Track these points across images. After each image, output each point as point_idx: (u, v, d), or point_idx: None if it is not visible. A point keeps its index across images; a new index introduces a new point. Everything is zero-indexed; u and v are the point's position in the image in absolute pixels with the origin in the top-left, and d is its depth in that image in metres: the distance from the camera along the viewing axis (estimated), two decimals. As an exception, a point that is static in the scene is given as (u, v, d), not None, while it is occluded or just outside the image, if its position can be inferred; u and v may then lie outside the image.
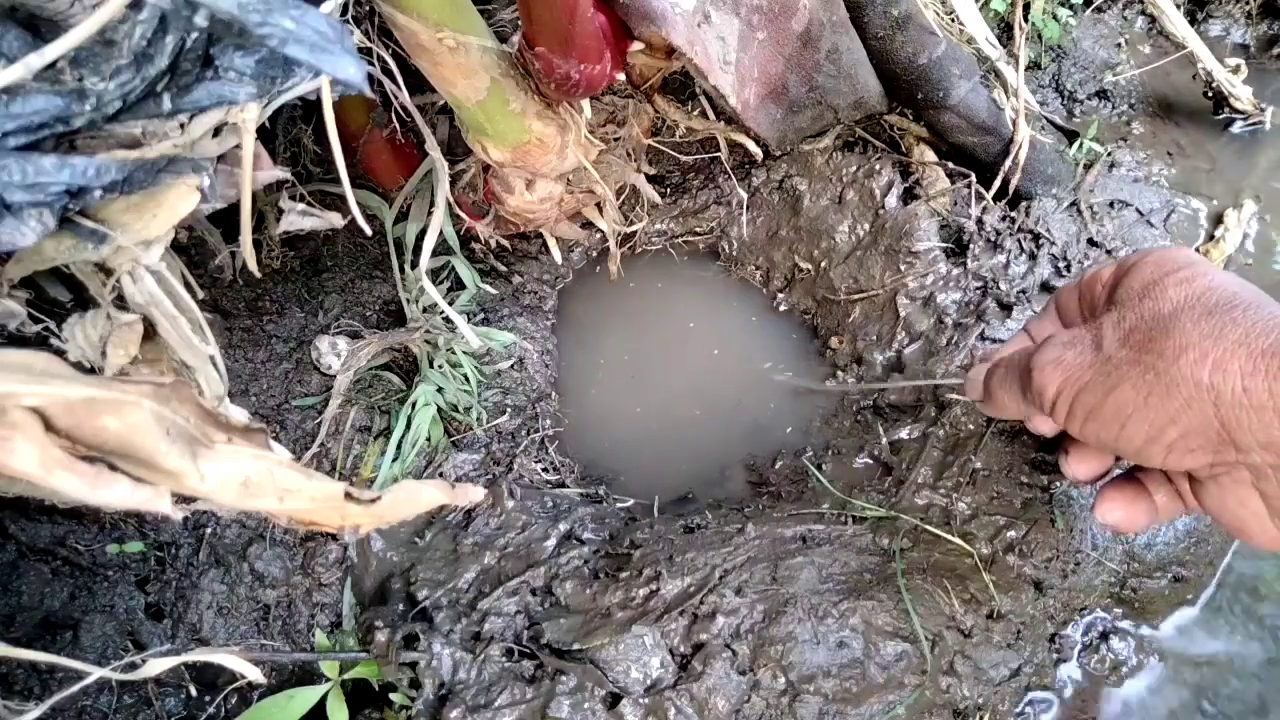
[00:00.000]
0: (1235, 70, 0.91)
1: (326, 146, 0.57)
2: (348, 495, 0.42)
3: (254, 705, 0.69)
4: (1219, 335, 0.39)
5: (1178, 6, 0.93)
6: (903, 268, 0.85)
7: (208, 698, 0.71)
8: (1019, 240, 0.83)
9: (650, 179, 0.94)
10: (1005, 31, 0.92)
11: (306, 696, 0.68)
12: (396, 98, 0.69)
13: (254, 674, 0.53)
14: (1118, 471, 0.54)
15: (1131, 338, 0.43)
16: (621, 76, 0.81)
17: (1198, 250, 0.86)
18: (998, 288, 0.81)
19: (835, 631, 0.63)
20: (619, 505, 0.83)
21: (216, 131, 0.42)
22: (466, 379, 0.85)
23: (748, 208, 0.95)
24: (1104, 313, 0.46)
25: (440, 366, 0.83)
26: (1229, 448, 0.40)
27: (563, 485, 0.84)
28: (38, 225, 0.35)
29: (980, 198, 0.85)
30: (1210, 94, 0.93)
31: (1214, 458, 0.41)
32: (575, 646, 0.63)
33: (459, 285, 0.92)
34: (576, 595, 0.68)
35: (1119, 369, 0.43)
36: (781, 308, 0.96)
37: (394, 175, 0.86)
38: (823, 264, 0.91)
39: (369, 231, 0.66)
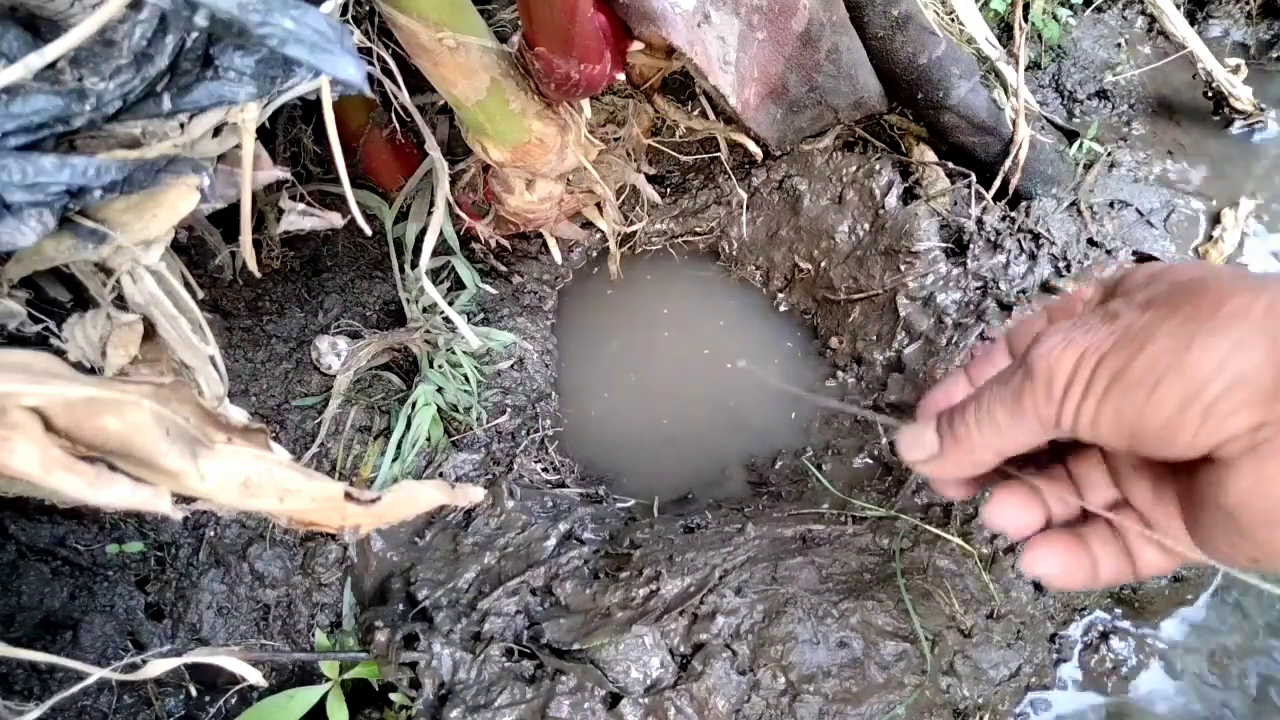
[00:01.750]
0: (1235, 70, 0.91)
1: (326, 146, 0.57)
2: (348, 495, 0.42)
3: (254, 705, 0.69)
4: (1263, 284, 0.35)
5: (1178, 6, 0.93)
6: (903, 268, 0.85)
7: (208, 698, 0.71)
8: (1019, 240, 0.83)
9: (650, 179, 0.94)
10: (1005, 31, 0.92)
11: (306, 696, 0.68)
12: (396, 98, 0.69)
13: (254, 676, 0.53)
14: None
15: (1153, 304, 0.39)
16: (621, 76, 0.81)
17: (1196, 250, 0.86)
18: (998, 288, 0.81)
19: (835, 631, 0.63)
20: (619, 505, 0.83)
21: (216, 131, 0.42)
22: (466, 379, 0.85)
23: (748, 208, 0.95)
24: (1102, 305, 0.44)
25: (440, 366, 0.83)
26: None
27: (563, 485, 0.83)
28: (38, 225, 0.35)
29: (980, 198, 0.85)
30: (1210, 94, 0.93)
31: (1264, 415, 0.35)
32: (575, 646, 0.63)
33: (459, 285, 0.92)
34: (576, 595, 0.68)
35: (1146, 329, 0.37)
36: (781, 308, 0.96)
37: (394, 175, 0.86)
38: (823, 264, 0.91)
39: (369, 231, 0.66)
